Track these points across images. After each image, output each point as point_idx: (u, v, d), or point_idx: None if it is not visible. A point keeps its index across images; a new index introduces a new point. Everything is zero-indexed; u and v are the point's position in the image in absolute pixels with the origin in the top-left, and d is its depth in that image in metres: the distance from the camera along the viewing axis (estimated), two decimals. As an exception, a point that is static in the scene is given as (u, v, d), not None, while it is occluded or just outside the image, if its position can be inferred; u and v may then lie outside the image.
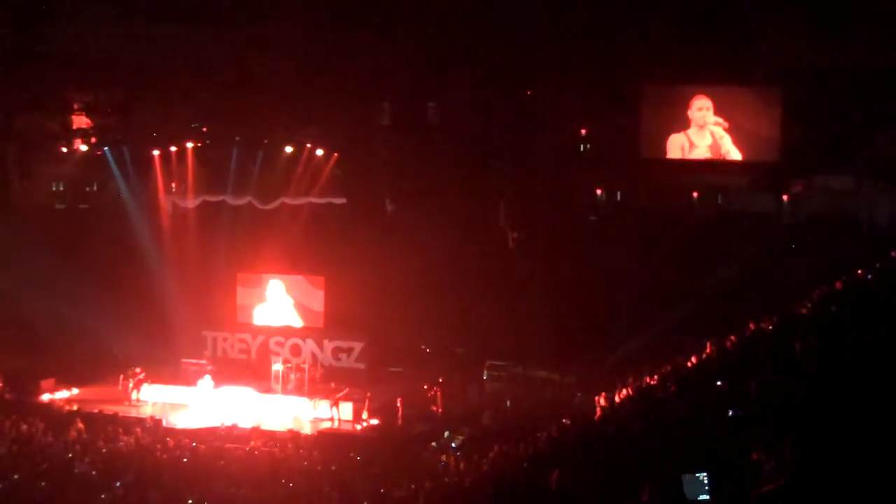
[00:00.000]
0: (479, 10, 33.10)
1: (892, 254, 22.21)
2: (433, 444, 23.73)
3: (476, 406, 27.38)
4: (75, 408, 27.22)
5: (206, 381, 28.40)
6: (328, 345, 32.36)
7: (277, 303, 33.38)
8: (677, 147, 33.27)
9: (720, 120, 32.85)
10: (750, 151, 32.84)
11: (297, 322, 33.13)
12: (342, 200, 33.95)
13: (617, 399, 20.48)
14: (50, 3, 35.77)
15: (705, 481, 9.26)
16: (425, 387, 27.66)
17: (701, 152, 33.10)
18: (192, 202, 35.03)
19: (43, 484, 19.25)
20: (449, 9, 33.18)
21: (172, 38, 34.79)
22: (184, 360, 30.89)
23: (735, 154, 32.77)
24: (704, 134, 33.02)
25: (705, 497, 9.25)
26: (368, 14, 33.57)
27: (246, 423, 26.10)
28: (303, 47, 33.95)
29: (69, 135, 37.35)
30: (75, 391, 29.61)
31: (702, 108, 32.99)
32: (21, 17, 35.72)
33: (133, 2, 35.41)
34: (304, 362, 30.32)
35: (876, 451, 9.31)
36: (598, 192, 34.68)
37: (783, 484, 9.22)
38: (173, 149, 34.62)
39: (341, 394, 27.57)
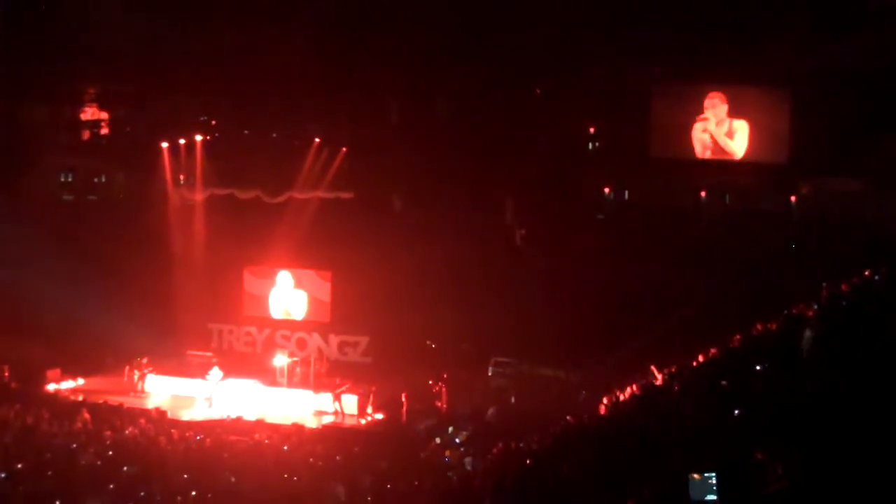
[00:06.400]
0: (488, 5, 33.07)
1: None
2: (437, 439, 23.75)
3: (481, 402, 27.38)
4: (81, 398, 27.31)
5: (215, 373, 28.45)
6: (334, 339, 32.47)
7: (284, 296, 33.44)
8: (699, 130, 33.18)
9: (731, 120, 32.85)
10: (758, 152, 32.79)
11: (303, 315, 33.20)
12: (350, 195, 33.96)
13: (621, 398, 20.44)
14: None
15: (713, 481, 9.25)
16: (430, 382, 27.69)
17: (716, 143, 33.07)
18: (199, 195, 35.06)
19: (49, 473, 19.31)
20: (458, 5, 33.17)
21: (182, 31, 34.82)
22: (189, 351, 30.98)
23: (742, 151, 32.78)
24: (721, 128, 33.03)
25: (713, 497, 9.24)
26: (378, 9, 33.56)
27: (251, 415, 26.18)
28: (312, 42, 33.92)
29: (78, 126, 37.40)
30: (81, 381, 29.74)
31: (716, 107, 32.93)
32: (30, 9, 35.78)
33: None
34: (309, 356, 30.36)
35: (881, 453, 9.29)
36: (606, 190, 34.65)
37: (789, 485, 9.21)
38: (182, 141, 34.66)
39: (342, 388, 27.62)
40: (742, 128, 32.86)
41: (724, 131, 32.97)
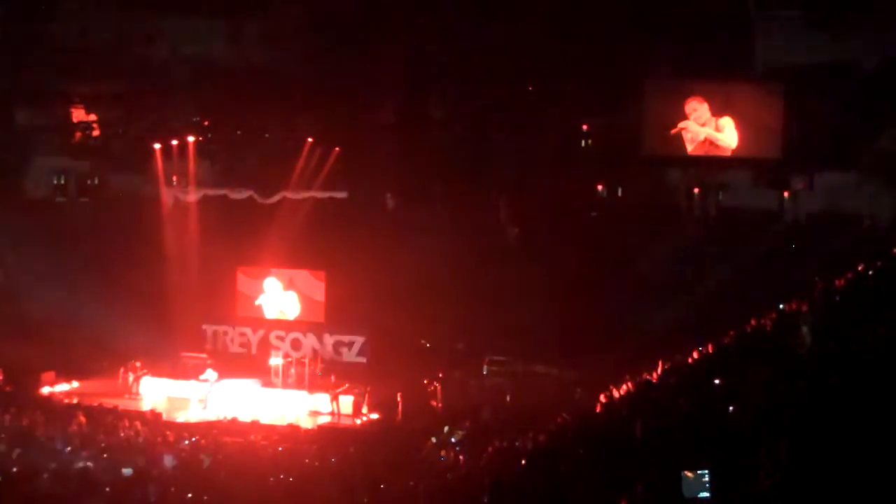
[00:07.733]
0: (481, 5, 33.08)
1: (894, 251, 22.18)
2: (433, 438, 23.71)
3: (476, 401, 27.37)
4: (75, 401, 27.25)
5: (210, 374, 28.43)
6: (329, 339, 32.37)
7: (278, 296, 33.39)
8: (685, 132, 33.18)
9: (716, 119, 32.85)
10: (751, 148, 32.81)
11: (298, 316, 33.16)
12: (343, 195, 33.92)
13: (616, 395, 20.45)
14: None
15: (706, 479, 9.26)
16: (425, 382, 27.68)
17: (701, 145, 33.05)
18: (192, 196, 35.00)
19: (45, 476, 19.24)
20: (451, 4, 33.18)
21: (174, 31, 34.80)
22: (184, 353, 30.91)
23: (734, 142, 32.78)
24: (705, 130, 33.03)
25: (706, 494, 9.25)
26: (370, 9, 33.55)
27: (245, 417, 26.16)
28: (305, 41, 33.90)
29: (70, 128, 37.33)
30: (75, 384, 29.67)
31: (697, 110, 32.95)
32: (23, 9, 35.71)
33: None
34: (304, 356, 30.33)
35: (874, 449, 9.31)
36: (599, 188, 34.67)
37: (782, 481, 9.23)
38: (175, 142, 34.60)
39: (341, 389, 27.61)
40: (729, 124, 32.83)
41: (712, 128, 32.94)
